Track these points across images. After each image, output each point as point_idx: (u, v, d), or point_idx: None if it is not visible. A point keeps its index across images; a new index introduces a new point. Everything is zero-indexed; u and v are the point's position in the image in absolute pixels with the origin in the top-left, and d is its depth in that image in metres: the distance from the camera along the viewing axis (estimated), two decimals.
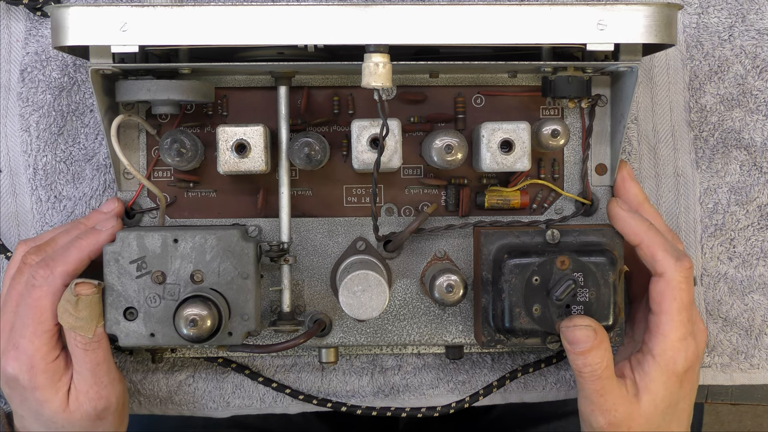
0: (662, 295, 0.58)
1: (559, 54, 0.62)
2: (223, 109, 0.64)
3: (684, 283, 0.58)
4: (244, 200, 0.65)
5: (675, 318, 0.58)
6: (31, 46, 0.67)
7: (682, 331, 0.58)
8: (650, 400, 0.59)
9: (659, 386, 0.59)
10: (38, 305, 0.58)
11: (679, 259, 0.58)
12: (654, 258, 0.59)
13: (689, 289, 0.59)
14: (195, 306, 0.56)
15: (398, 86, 0.65)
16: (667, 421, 0.60)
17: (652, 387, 0.59)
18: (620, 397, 0.59)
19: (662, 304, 0.59)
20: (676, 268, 0.58)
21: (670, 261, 0.58)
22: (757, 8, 0.69)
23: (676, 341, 0.58)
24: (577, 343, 0.57)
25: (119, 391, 0.61)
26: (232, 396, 0.70)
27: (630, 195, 0.63)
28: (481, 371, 0.70)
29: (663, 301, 0.58)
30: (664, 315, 0.58)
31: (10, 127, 0.68)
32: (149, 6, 0.55)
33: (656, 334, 0.59)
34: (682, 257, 0.59)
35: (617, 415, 0.58)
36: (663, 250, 0.59)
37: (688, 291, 0.59)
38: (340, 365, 0.70)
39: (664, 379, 0.59)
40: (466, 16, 0.55)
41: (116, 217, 0.62)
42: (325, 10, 0.55)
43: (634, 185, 0.63)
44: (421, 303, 0.65)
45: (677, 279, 0.58)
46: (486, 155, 0.60)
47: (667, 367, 0.59)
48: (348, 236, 0.65)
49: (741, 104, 0.69)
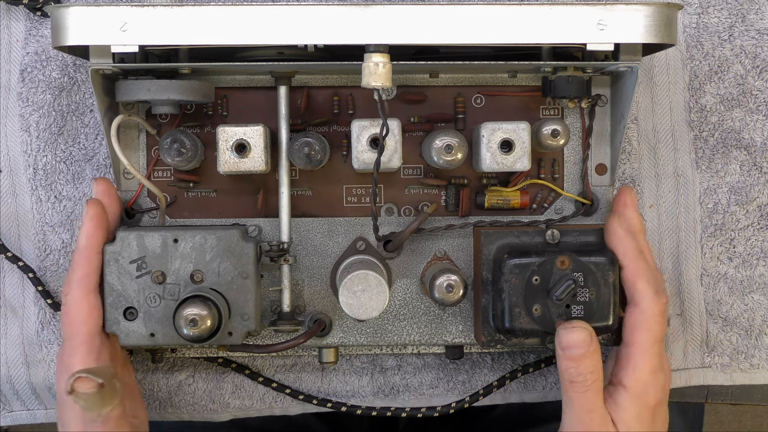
0: (636, 326, 0.59)
1: (559, 54, 0.62)
2: (223, 109, 0.64)
3: (659, 317, 0.59)
4: (244, 200, 0.65)
5: (648, 350, 0.58)
6: (31, 46, 0.67)
7: (654, 363, 0.59)
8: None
9: (633, 419, 0.58)
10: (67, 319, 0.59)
11: (658, 294, 0.59)
12: (635, 286, 0.59)
13: (663, 324, 0.59)
14: (195, 306, 0.56)
15: (398, 86, 0.65)
16: None
17: (626, 419, 0.58)
18: (604, 422, 0.58)
19: (635, 335, 0.59)
20: (654, 300, 0.58)
21: (649, 292, 0.58)
22: (757, 8, 0.69)
23: (647, 373, 0.58)
24: (572, 347, 0.57)
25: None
26: (232, 396, 0.70)
27: (630, 221, 0.62)
28: (481, 371, 0.70)
29: (636, 332, 0.58)
30: (637, 347, 0.58)
31: (10, 127, 0.68)
32: (149, 6, 0.55)
33: (627, 366, 0.59)
34: (660, 292, 0.59)
35: None
36: (645, 280, 0.59)
37: (661, 325, 0.59)
38: (340, 365, 0.70)
39: (638, 412, 0.58)
40: (466, 16, 0.55)
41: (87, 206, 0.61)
42: (325, 10, 0.55)
43: (636, 214, 0.62)
44: (421, 303, 0.65)
45: (653, 311, 0.58)
46: (486, 155, 0.60)
47: (640, 399, 0.58)
48: (348, 236, 0.65)
49: (741, 104, 0.69)
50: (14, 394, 0.69)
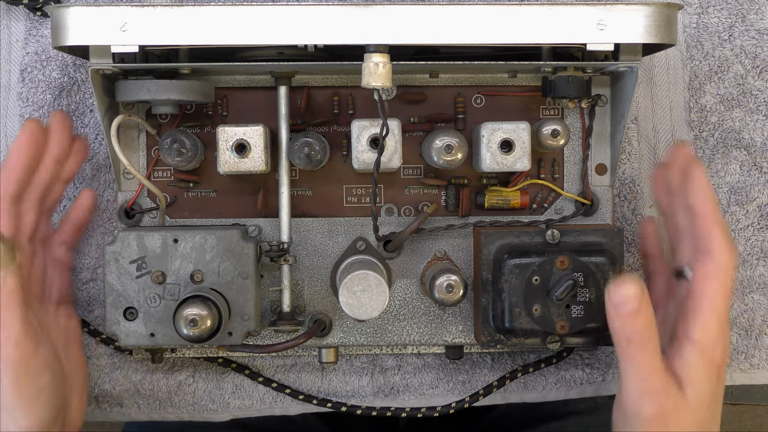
0: (708, 276, 0.54)
1: (559, 54, 0.62)
2: (223, 109, 0.64)
3: (732, 270, 0.54)
4: (244, 200, 0.65)
5: (718, 303, 0.54)
6: (31, 46, 0.67)
7: (723, 317, 0.54)
8: (695, 393, 0.54)
9: (701, 376, 0.54)
10: None
11: (732, 245, 0.55)
12: (710, 233, 0.55)
13: (733, 279, 0.55)
14: (195, 306, 0.56)
15: (398, 86, 0.65)
16: (709, 420, 0.55)
17: (694, 376, 0.54)
18: (668, 385, 0.54)
19: (706, 286, 0.54)
20: (730, 251, 0.54)
21: (724, 242, 0.54)
22: (757, 8, 0.69)
23: (717, 326, 0.54)
24: (626, 303, 0.52)
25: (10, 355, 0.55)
26: (232, 396, 0.70)
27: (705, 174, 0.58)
28: (481, 371, 0.70)
29: (708, 283, 0.54)
30: (707, 299, 0.54)
31: (10, 127, 0.68)
32: (149, 6, 0.55)
33: (696, 319, 0.54)
34: (734, 246, 0.55)
35: (666, 405, 0.53)
36: (722, 229, 0.55)
37: (732, 280, 0.54)
38: (340, 365, 0.70)
39: (706, 369, 0.54)
40: (466, 16, 0.55)
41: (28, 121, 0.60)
42: (325, 10, 0.55)
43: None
44: (421, 303, 0.65)
45: (727, 263, 0.54)
46: (486, 155, 0.60)
47: (706, 354, 0.54)
48: (348, 236, 0.65)
49: (741, 104, 0.69)
50: None
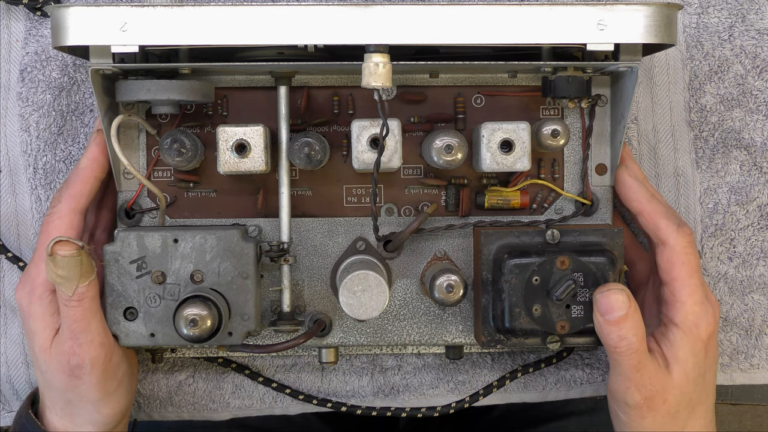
0: (670, 263, 0.59)
1: (559, 54, 0.62)
2: (223, 109, 0.64)
3: (689, 247, 0.59)
4: (244, 200, 0.65)
5: (688, 282, 0.59)
6: (31, 46, 0.67)
7: (698, 294, 0.59)
8: (681, 370, 0.59)
9: (687, 354, 0.59)
10: (46, 232, 0.60)
11: (680, 226, 0.60)
12: (657, 226, 0.60)
13: (695, 254, 0.59)
14: (195, 306, 0.56)
15: (398, 86, 0.64)
16: (698, 391, 0.60)
17: (680, 355, 0.59)
18: (654, 371, 0.58)
19: (672, 272, 0.59)
20: (679, 233, 0.59)
21: (672, 228, 0.59)
22: (757, 8, 0.69)
23: (694, 305, 0.59)
24: (612, 311, 0.56)
25: (97, 355, 0.59)
26: (232, 396, 0.70)
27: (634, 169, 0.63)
28: (481, 371, 0.70)
29: (672, 268, 0.59)
30: (677, 282, 0.59)
31: (10, 127, 0.68)
32: (149, 6, 0.55)
33: (674, 303, 0.59)
34: (682, 224, 0.60)
35: (653, 389, 0.58)
36: (665, 218, 0.60)
37: (694, 255, 0.59)
38: (340, 365, 0.70)
39: (691, 346, 0.59)
40: (466, 16, 0.55)
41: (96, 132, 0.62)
42: (325, 10, 0.55)
43: (636, 164, 0.64)
44: (421, 303, 0.65)
45: (681, 244, 0.59)
46: (486, 155, 0.60)
47: (691, 332, 0.59)
48: (348, 236, 0.65)
49: (741, 104, 0.69)
50: (14, 394, 0.69)
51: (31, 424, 0.61)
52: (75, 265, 0.57)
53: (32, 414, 0.62)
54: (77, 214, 0.60)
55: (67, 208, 0.60)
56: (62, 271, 0.56)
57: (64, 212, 0.60)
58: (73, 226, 0.60)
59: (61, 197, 0.60)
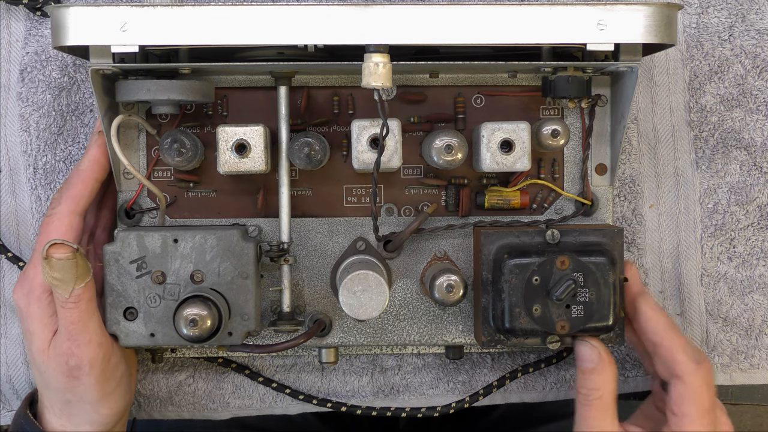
0: (682, 399, 0.58)
1: (559, 54, 0.62)
2: (223, 109, 0.64)
3: (705, 386, 0.58)
4: (244, 200, 0.65)
5: (696, 422, 0.58)
6: (31, 46, 0.67)
7: (708, 424, 0.58)
8: None
9: None
10: (45, 233, 0.59)
11: (699, 363, 0.58)
12: (674, 359, 0.58)
13: (710, 392, 0.58)
14: (195, 306, 0.56)
15: (398, 86, 0.64)
16: None
17: None
18: None
19: (683, 408, 0.58)
20: (697, 371, 0.58)
21: (690, 365, 0.58)
22: (757, 8, 0.69)
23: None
24: (582, 360, 0.59)
25: (95, 355, 0.59)
26: (232, 396, 0.70)
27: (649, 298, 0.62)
28: (481, 371, 0.70)
29: (683, 405, 0.58)
30: (687, 419, 0.58)
31: (10, 127, 0.68)
32: (149, 6, 0.55)
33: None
34: (702, 360, 0.58)
35: None
36: (683, 351, 0.58)
37: (708, 393, 0.58)
38: (340, 365, 0.70)
39: None
40: (466, 16, 0.55)
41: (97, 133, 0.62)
42: (325, 10, 0.55)
43: (642, 285, 0.63)
44: (421, 303, 0.65)
45: (697, 383, 0.58)
46: (486, 155, 0.60)
47: None
48: (348, 236, 0.65)
49: (741, 104, 0.69)
50: (14, 394, 0.69)
51: (29, 424, 0.61)
52: (70, 267, 0.56)
53: (30, 414, 0.62)
54: (77, 216, 0.60)
55: (66, 209, 0.60)
56: (58, 274, 0.56)
57: (63, 214, 0.60)
58: (73, 227, 0.60)
59: (61, 198, 0.60)
